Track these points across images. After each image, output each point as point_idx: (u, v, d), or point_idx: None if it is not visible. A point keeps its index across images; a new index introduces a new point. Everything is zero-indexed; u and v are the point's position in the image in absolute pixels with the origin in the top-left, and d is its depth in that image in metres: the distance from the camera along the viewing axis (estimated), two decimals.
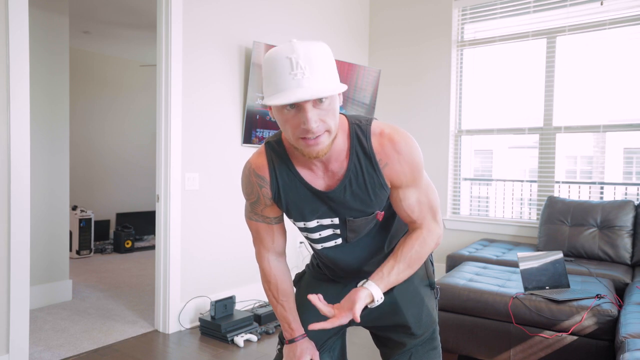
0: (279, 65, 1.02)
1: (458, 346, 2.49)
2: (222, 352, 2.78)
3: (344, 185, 1.19)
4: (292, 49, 1.02)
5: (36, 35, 3.43)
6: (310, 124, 1.03)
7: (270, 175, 1.23)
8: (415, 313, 1.34)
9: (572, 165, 4.00)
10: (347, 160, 1.18)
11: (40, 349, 2.78)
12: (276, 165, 1.22)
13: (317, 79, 1.02)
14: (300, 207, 1.24)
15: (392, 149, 1.16)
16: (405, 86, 4.63)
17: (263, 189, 1.24)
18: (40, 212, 3.53)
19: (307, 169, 1.20)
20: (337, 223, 1.26)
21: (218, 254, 3.38)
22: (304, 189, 1.22)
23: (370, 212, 1.23)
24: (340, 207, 1.22)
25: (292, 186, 1.22)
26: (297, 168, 1.21)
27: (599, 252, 3.31)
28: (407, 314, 1.34)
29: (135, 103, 6.84)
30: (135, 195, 6.86)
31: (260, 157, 1.24)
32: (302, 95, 0.99)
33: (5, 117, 2.36)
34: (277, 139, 1.24)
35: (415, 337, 1.35)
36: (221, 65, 3.35)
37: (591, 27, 3.75)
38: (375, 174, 1.18)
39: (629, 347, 1.75)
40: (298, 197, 1.23)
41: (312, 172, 1.20)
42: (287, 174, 1.22)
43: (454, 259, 3.47)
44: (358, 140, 1.17)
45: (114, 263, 5.16)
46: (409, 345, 1.35)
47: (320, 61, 1.03)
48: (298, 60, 1.01)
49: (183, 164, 3.12)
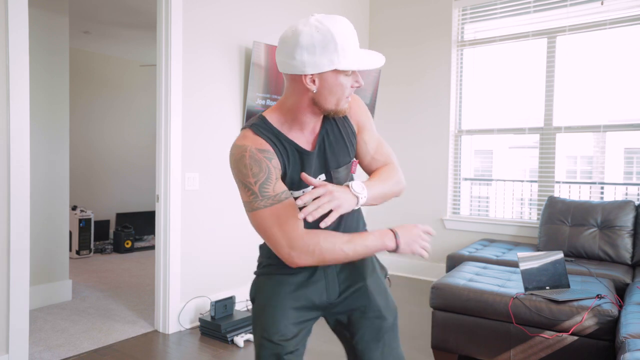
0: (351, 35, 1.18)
1: (458, 346, 2.49)
2: (222, 352, 2.77)
3: (322, 135, 1.31)
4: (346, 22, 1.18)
5: (36, 35, 3.43)
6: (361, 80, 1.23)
7: (272, 147, 1.25)
8: (384, 299, 1.42)
9: (572, 165, 4.00)
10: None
11: (40, 349, 2.78)
12: (271, 139, 1.26)
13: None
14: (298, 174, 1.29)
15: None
16: (405, 86, 4.63)
17: (273, 161, 1.23)
18: (40, 212, 3.53)
19: (298, 132, 1.29)
20: (324, 179, 1.34)
21: (218, 254, 3.38)
22: (299, 154, 1.28)
23: (348, 160, 1.35)
24: (325, 159, 1.32)
25: (290, 154, 1.27)
26: (288, 136, 1.28)
27: (599, 252, 3.30)
28: (378, 301, 1.40)
29: (135, 103, 6.84)
30: (135, 195, 6.86)
31: (252, 138, 1.24)
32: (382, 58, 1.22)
33: (5, 117, 2.35)
34: (260, 119, 1.29)
35: (386, 321, 1.39)
36: (221, 65, 3.35)
37: (591, 27, 3.75)
38: (345, 119, 1.35)
39: (629, 347, 1.75)
40: (296, 163, 1.28)
41: (302, 135, 1.30)
42: (282, 144, 1.27)
43: (454, 259, 3.47)
44: None
45: (114, 263, 5.16)
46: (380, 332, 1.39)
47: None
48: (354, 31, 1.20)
49: (183, 164, 3.12)
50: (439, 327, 2.54)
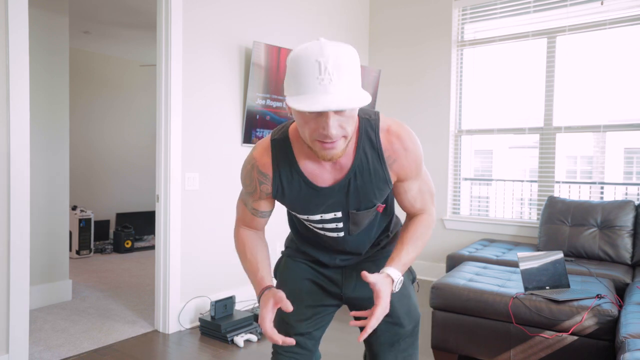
0: (307, 67, 0.99)
1: (458, 346, 2.49)
2: (222, 352, 2.77)
3: (350, 178, 1.21)
4: (322, 52, 0.99)
5: (36, 35, 3.43)
6: (331, 130, 1.02)
7: (273, 173, 1.24)
8: (405, 306, 1.39)
9: (572, 165, 4.00)
10: (354, 153, 1.19)
11: (40, 349, 2.78)
12: (280, 163, 1.23)
13: (343, 87, 1.00)
14: (303, 204, 1.26)
15: (400, 146, 1.20)
16: (405, 86, 4.63)
17: (263, 186, 1.26)
18: (40, 212, 3.53)
19: (315, 163, 1.21)
20: (339, 217, 1.29)
21: (218, 254, 3.38)
22: (306, 187, 1.23)
23: (372, 205, 1.26)
24: (344, 201, 1.24)
25: (296, 185, 1.23)
26: (301, 165, 1.22)
27: (599, 252, 3.30)
28: (398, 307, 1.38)
29: (135, 103, 6.84)
30: (135, 195, 6.86)
31: (265, 154, 1.24)
32: (328, 104, 0.97)
33: (5, 117, 2.35)
34: (283, 135, 1.23)
35: (404, 329, 1.39)
36: (221, 65, 3.35)
37: (591, 27, 3.75)
38: (382, 168, 1.20)
39: (629, 347, 1.75)
40: (300, 194, 1.24)
41: (320, 166, 1.21)
42: (291, 173, 1.22)
43: (454, 259, 3.47)
44: (367, 135, 1.19)
45: (114, 263, 5.16)
46: (396, 337, 1.39)
47: (348, 67, 1.01)
48: (327, 64, 0.98)
49: (183, 164, 3.12)
50: (439, 327, 2.54)
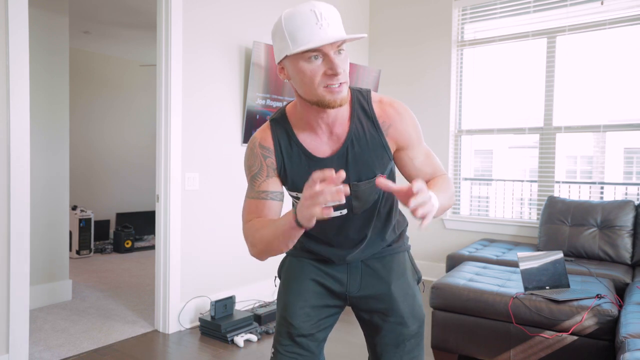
0: (304, 18, 1.08)
1: (458, 346, 2.49)
2: (222, 352, 2.77)
3: (347, 146, 1.23)
4: (313, 5, 1.09)
5: (36, 35, 3.43)
6: (339, 67, 1.08)
7: (274, 147, 1.26)
8: (410, 305, 1.38)
9: (572, 165, 4.01)
10: (349, 122, 1.23)
11: (40, 349, 2.78)
12: (280, 137, 1.26)
13: (340, 28, 1.11)
14: (305, 178, 1.24)
15: (393, 111, 1.24)
16: (405, 86, 4.63)
17: (268, 159, 1.27)
18: (40, 212, 3.53)
19: (313, 134, 1.24)
20: None
21: (218, 254, 3.38)
22: (306, 159, 1.25)
23: (372, 175, 1.26)
24: (345, 170, 1.24)
25: (296, 158, 1.25)
26: (299, 138, 1.25)
27: (599, 252, 3.30)
28: (402, 307, 1.37)
29: (135, 103, 6.84)
30: (135, 195, 6.86)
31: (265, 131, 1.29)
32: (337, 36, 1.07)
33: (5, 117, 2.35)
34: (280, 114, 1.29)
35: (409, 329, 1.37)
36: (221, 65, 3.35)
37: (591, 27, 3.75)
38: (377, 134, 1.24)
39: (629, 347, 1.75)
40: (301, 168, 1.26)
41: (317, 137, 1.24)
42: (290, 146, 1.25)
43: (454, 259, 3.47)
44: (360, 104, 1.24)
45: (114, 263, 5.16)
46: (401, 337, 1.38)
47: (337, 15, 1.13)
48: (322, 12, 1.08)
49: (183, 164, 3.12)
50: (439, 327, 2.54)
